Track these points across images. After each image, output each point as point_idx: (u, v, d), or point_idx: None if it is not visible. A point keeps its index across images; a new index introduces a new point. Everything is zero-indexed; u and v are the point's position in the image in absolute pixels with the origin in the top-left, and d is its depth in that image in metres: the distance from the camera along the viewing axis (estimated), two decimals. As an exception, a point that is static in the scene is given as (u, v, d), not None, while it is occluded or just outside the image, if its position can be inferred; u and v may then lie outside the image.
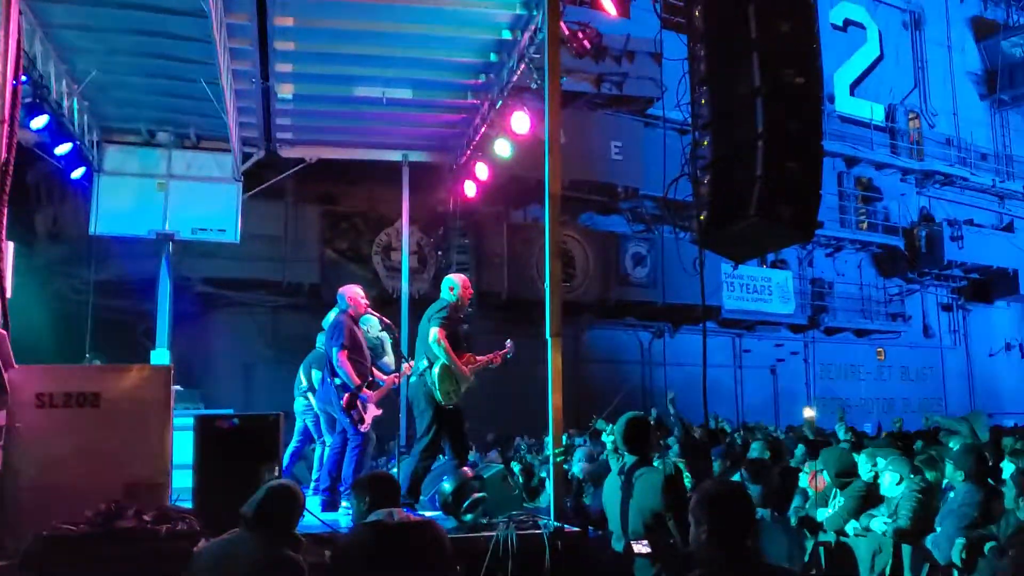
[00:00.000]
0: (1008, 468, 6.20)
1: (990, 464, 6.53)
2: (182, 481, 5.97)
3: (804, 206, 4.86)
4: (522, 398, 7.53)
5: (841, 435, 11.56)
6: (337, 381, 7.20)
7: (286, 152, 11.71)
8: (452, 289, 7.20)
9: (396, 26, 8.81)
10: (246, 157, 11.45)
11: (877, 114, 27.12)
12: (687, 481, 7.02)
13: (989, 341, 28.43)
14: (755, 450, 9.10)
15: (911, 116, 27.79)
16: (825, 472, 7.14)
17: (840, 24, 26.88)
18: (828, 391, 24.48)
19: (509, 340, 7.61)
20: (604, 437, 8.65)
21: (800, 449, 9.26)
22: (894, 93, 27.77)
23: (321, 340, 8.50)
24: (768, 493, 7.16)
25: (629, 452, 5.41)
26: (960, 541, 5.51)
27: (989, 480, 6.09)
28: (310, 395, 8.61)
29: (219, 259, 15.48)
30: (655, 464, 5.36)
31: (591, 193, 20.57)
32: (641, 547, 4.99)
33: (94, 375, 6.41)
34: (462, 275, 7.50)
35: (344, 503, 7.09)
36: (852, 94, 26.83)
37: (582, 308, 20.07)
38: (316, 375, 8.35)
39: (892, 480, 6.57)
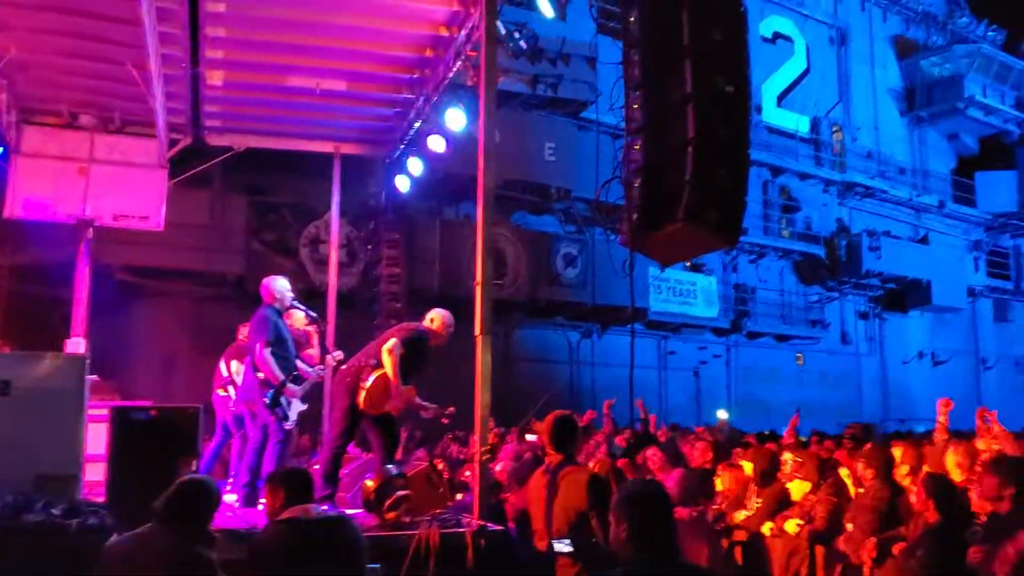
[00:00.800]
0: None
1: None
2: (97, 474, 5.82)
3: (730, 212, 4.95)
4: (450, 396, 7.50)
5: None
6: (260, 375, 7.08)
7: (214, 140, 11.45)
8: (432, 320, 7.00)
9: (331, 17, 8.70)
10: (173, 143, 11.15)
11: (802, 126, 27.82)
12: None
13: (903, 349, 29.38)
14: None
15: (835, 129, 28.56)
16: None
17: (769, 37, 27.48)
18: (748, 394, 25.00)
19: (453, 408, 7.50)
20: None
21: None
22: (819, 106, 28.51)
23: (244, 332, 8.36)
24: (687, 493, 7.30)
25: (555, 451, 5.45)
26: (870, 541, 5.68)
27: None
28: (230, 388, 8.46)
29: (141, 247, 15.10)
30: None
31: (524, 193, 20.66)
32: (562, 546, 5.03)
33: (4, 362, 6.19)
34: (448, 315, 7.14)
35: (263, 499, 6.97)
36: (779, 105, 27.47)
37: (512, 307, 20.14)
38: (237, 368, 8.21)
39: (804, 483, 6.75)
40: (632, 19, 5.29)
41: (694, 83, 4.81)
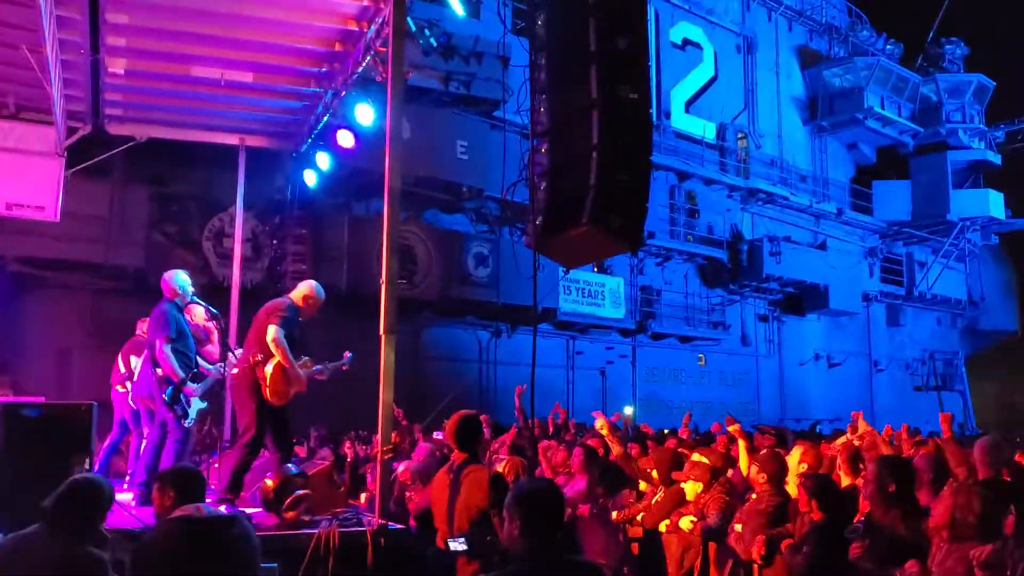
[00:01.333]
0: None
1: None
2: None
3: (633, 217, 5.07)
4: (356, 394, 7.45)
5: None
6: (159, 372, 6.92)
7: (115, 129, 11.11)
8: (301, 294, 6.96)
9: (238, 7, 8.54)
10: (71, 132, 10.78)
11: (709, 132, 28.42)
12: None
13: (800, 351, 30.34)
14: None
15: (740, 136, 29.31)
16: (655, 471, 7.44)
17: (679, 43, 28.00)
18: (652, 393, 25.49)
19: (348, 352, 7.49)
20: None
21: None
22: (725, 113, 29.16)
23: (143, 327, 8.16)
24: (590, 488, 7.41)
25: (459, 450, 5.48)
26: (759, 540, 5.87)
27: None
28: (128, 384, 8.25)
29: (37, 238, 14.56)
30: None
31: (436, 191, 20.58)
32: (457, 544, 5.05)
33: None
34: (316, 284, 7.21)
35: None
36: (687, 111, 27.99)
37: (423, 305, 20.08)
38: (135, 363, 8.01)
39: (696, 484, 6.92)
40: (540, 23, 5.36)
41: (599, 90, 4.91)
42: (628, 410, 17.25)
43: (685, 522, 6.78)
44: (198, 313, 7.92)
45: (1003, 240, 36.48)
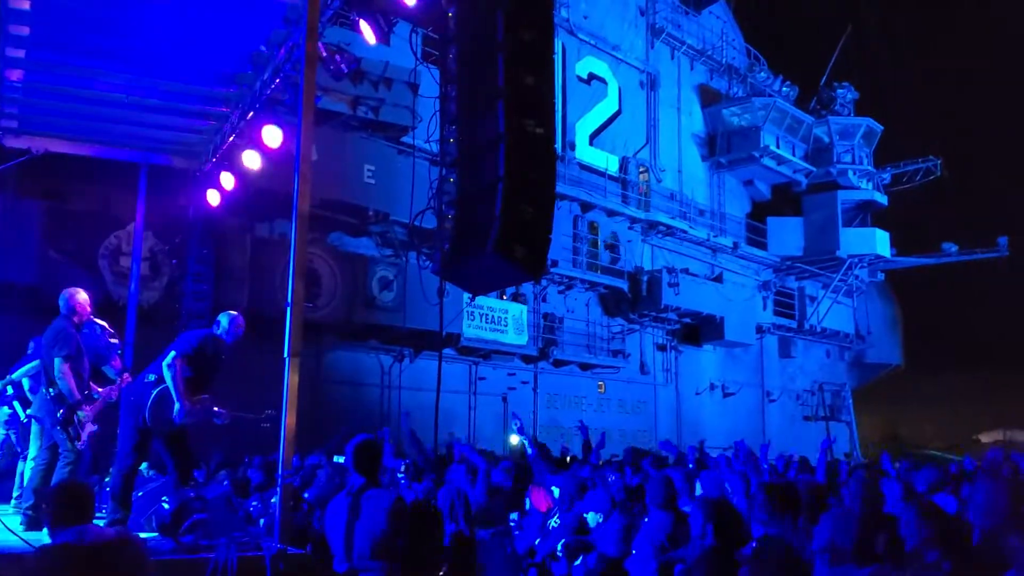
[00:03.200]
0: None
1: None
2: None
3: (536, 247, 5.23)
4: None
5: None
6: (53, 392, 6.74)
7: (10, 142, 10.80)
8: (219, 324, 6.91)
9: (147, 26, 8.46)
10: (-38, 143, 10.46)
11: (612, 165, 29.02)
12: None
13: (696, 380, 31.07)
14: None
15: (641, 170, 30.01)
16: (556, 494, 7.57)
17: (585, 77, 28.63)
18: (553, 420, 25.72)
19: (271, 411, 7.36)
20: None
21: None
22: (628, 146, 29.83)
23: (32, 346, 7.93)
24: (488, 515, 7.51)
25: (359, 474, 5.51)
26: (653, 564, 6.06)
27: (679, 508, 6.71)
28: (16, 404, 8.00)
29: (-81, 251, 13.94)
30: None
31: (342, 214, 20.49)
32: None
33: None
34: (238, 316, 7.10)
35: (49, 522, 6.63)
36: (591, 144, 28.54)
37: (326, 329, 19.90)
38: (26, 384, 7.78)
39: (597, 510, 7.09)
40: (451, 56, 5.51)
41: (506, 124, 5.07)
42: (514, 439, 17.34)
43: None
44: (98, 329, 7.73)
45: (889, 277, 38.19)
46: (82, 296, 7.24)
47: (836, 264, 34.21)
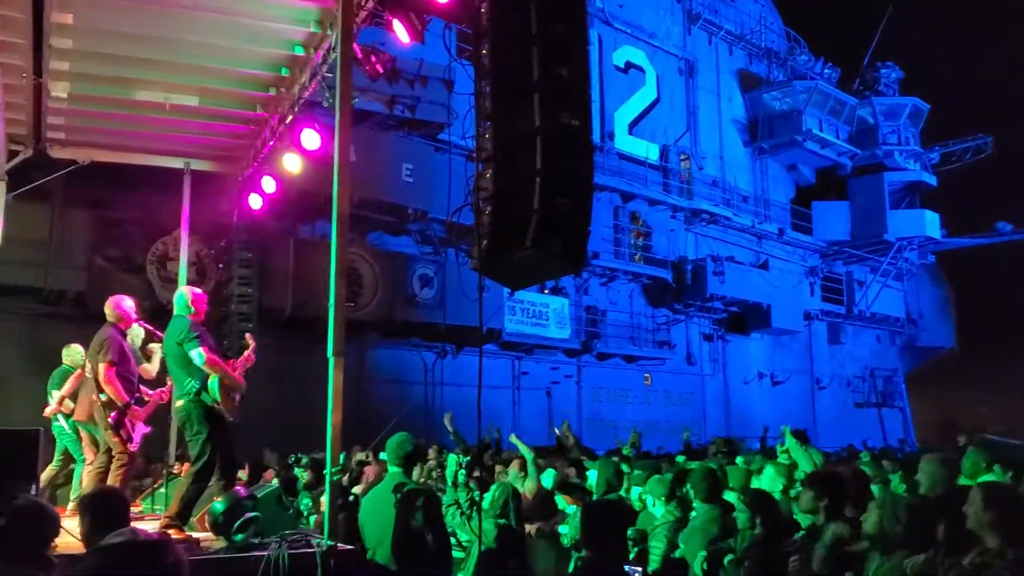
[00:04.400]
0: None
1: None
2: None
3: (574, 241, 5.21)
4: (304, 416, 7.45)
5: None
6: (104, 397, 6.88)
7: (57, 153, 10.98)
8: (188, 306, 6.95)
9: (184, 33, 8.57)
10: (12, 155, 10.66)
11: (652, 153, 28.87)
12: None
13: (744, 370, 30.81)
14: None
15: (682, 157, 29.82)
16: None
17: (622, 66, 28.47)
18: (598, 413, 25.65)
19: (249, 336, 7.56)
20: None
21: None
22: (668, 134, 29.66)
23: (67, 354, 8.12)
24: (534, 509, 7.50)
25: (395, 469, 5.58)
26: (702, 554, 6.02)
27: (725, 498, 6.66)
28: (60, 415, 8.20)
29: (-27, 262, 14.29)
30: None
31: (381, 213, 20.64)
32: None
33: None
34: (193, 288, 7.28)
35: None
36: (630, 133, 28.42)
37: (368, 327, 20.05)
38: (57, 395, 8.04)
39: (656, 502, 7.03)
40: (484, 51, 5.50)
41: (541, 118, 5.05)
42: (557, 431, 17.27)
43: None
44: (137, 334, 7.87)
45: (939, 259, 37.49)
46: (127, 303, 7.37)
47: (884, 247, 33.72)
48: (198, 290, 7.24)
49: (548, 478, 8.10)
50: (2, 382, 15.45)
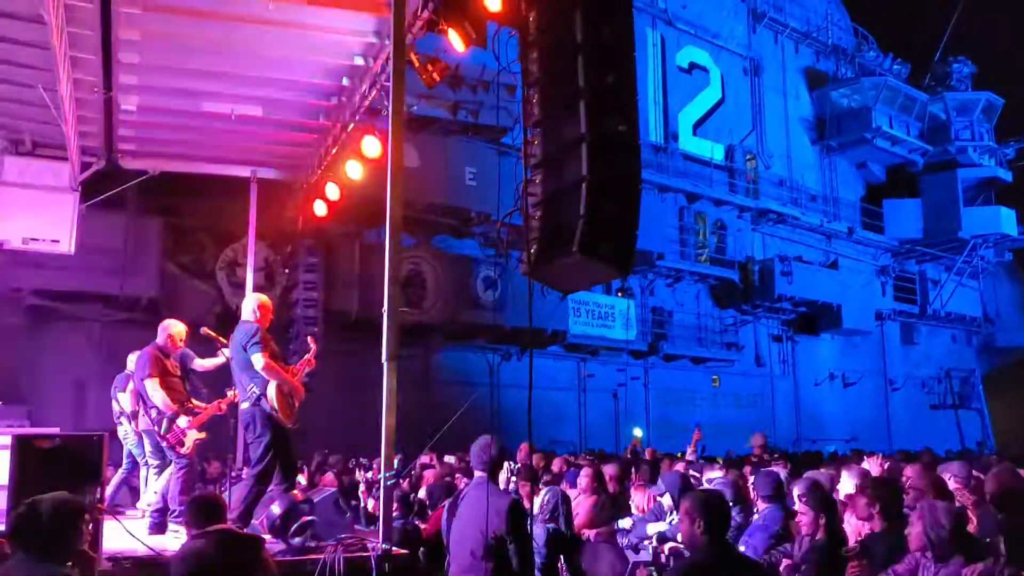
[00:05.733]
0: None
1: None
2: (-1, 503, 5.75)
3: (622, 245, 5.22)
4: (371, 419, 7.53)
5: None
6: (154, 412, 7.20)
7: (128, 163, 11.41)
8: (254, 312, 7.16)
9: (248, 45, 8.81)
10: (85, 167, 11.09)
11: (717, 153, 28.57)
12: None
13: (814, 371, 30.24)
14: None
15: (748, 157, 29.42)
16: (668, 495, 7.51)
17: (686, 67, 28.24)
18: (665, 416, 25.44)
19: (311, 339, 7.72)
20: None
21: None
22: (733, 134, 29.30)
23: (132, 360, 8.41)
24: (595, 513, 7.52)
25: (480, 473, 5.58)
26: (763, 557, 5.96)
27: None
28: (123, 419, 8.50)
29: (52, 270, 14.82)
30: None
31: (445, 216, 20.83)
32: None
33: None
34: (261, 295, 7.54)
35: (172, 527, 7.03)
36: (695, 134, 28.16)
37: (432, 330, 20.22)
38: (124, 399, 8.31)
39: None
40: (531, 60, 5.54)
41: (588, 123, 5.08)
42: (638, 432, 17.15)
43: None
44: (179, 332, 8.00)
45: (1017, 256, 36.31)
46: (176, 328, 7.64)
47: (959, 245, 32.81)
48: (264, 296, 7.45)
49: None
50: (81, 387, 16.00)
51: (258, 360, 6.64)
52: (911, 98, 32.87)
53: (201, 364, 8.11)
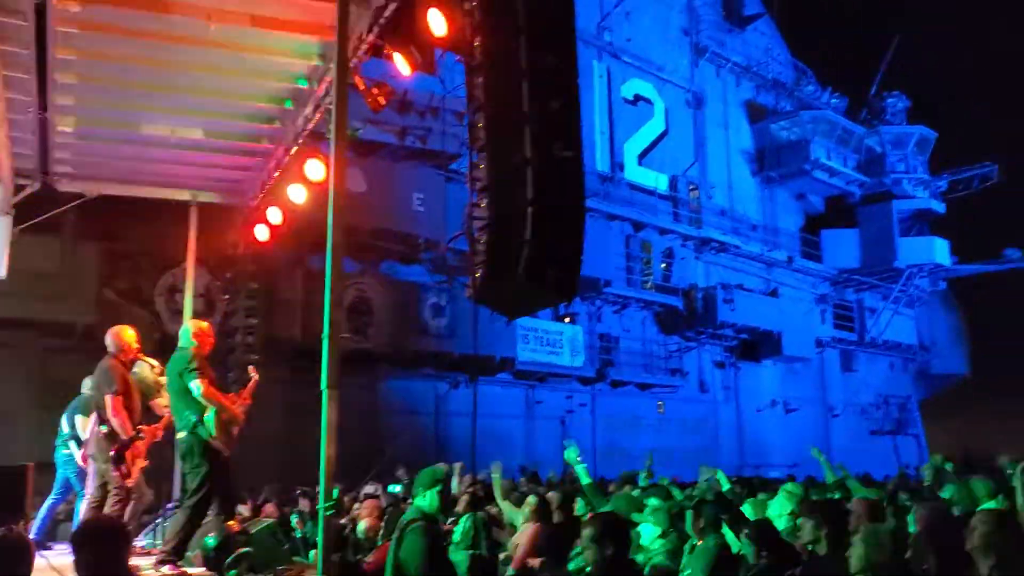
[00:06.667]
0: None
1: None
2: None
3: (567, 270, 5.21)
4: (315, 448, 7.38)
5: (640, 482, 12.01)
6: (105, 429, 6.88)
7: (64, 186, 11.09)
8: (192, 338, 7.03)
9: (188, 67, 8.67)
10: (19, 189, 10.76)
11: (661, 183, 28.99)
12: None
13: (757, 397, 30.62)
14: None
15: (691, 187, 29.86)
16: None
17: (631, 98, 28.64)
18: (612, 442, 25.46)
19: (251, 368, 7.57)
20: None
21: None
22: (677, 165, 29.75)
23: (87, 384, 8.11)
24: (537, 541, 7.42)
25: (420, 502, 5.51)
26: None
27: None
28: (72, 444, 8.17)
29: (-20, 296, 14.36)
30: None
31: (392, 243, 20.69)
32: None
33: None
34: (200, 321, 7.41)
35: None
36: (640, 164, 28.51)
37: (378, 357, 20.01)
38: (81, 423, 7.95)
39: (653, 532, 6.95)
40: (476, 84, 5.54)
41: (533, 149, 5.08)
42: (572, 452, 17.03)
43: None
44: (145, 368, 7.87)
45: (951, 285, 37.30)
46: (128, 333, 7.39)
47: (895, 275, 33.65)
48: (203, 323, 7.28)
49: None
50: (10, 416, 15.47)
51: (196, 387, 6.47)
52: (848, 131, 33.73)
53: (158, 405, 7.85)
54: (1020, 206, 36.82)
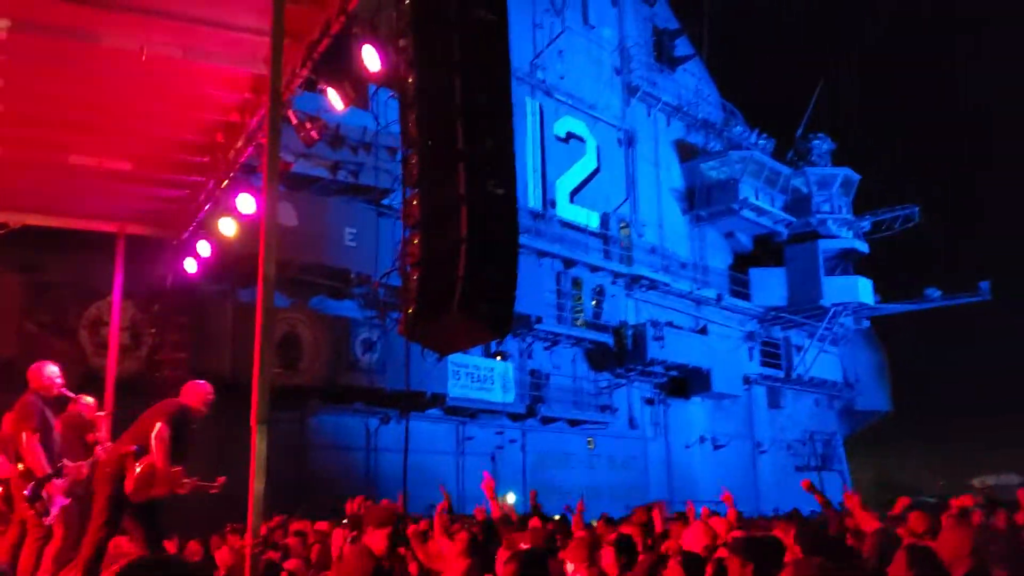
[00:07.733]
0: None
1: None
2: None
3: (500, 305, 5.27)
4: (229, 486, 7.26)
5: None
6: (20, 467, 6.68)
7: (-14, 216, 10.82)
8: (199, 397, 6.90)
9: (116, 97, 8.56)
10: (-63, 218, 10.47)
11: (593, 221, 29.31)
12: None
13: (686, 434, 30.93)
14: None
15: (622, 225, 30.27)
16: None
17: (563, 136, 29.01)
18: (543, 479, 25.42)
19: (222, 478, 7.36)
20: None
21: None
22: (609, 202, 30.13)
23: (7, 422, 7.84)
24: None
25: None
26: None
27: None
28: None
29: None
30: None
31: (323, 277, 20.56)
32: None
33: None
34: (207, 385, 7.18)
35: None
36: (572, 201, 28.81)
37: (309, 393, 19.77)
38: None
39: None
40: (410, 121, 5.59)
41: (467, 186, 5.15)
42: (510, 497, 17.05)
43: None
44: (88, 404, 7.65)
45: (874, 324, 38.35)
46: (50, 369, 7.20)
47: (820, 313, 34.38)
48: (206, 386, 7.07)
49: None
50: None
51: (156, 426, 6.32)
52: (775, 171, 34.57)
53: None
54: (940, 247, 38.22)
